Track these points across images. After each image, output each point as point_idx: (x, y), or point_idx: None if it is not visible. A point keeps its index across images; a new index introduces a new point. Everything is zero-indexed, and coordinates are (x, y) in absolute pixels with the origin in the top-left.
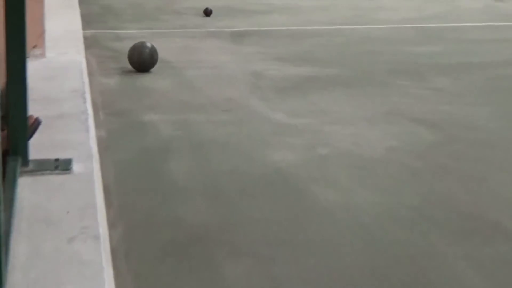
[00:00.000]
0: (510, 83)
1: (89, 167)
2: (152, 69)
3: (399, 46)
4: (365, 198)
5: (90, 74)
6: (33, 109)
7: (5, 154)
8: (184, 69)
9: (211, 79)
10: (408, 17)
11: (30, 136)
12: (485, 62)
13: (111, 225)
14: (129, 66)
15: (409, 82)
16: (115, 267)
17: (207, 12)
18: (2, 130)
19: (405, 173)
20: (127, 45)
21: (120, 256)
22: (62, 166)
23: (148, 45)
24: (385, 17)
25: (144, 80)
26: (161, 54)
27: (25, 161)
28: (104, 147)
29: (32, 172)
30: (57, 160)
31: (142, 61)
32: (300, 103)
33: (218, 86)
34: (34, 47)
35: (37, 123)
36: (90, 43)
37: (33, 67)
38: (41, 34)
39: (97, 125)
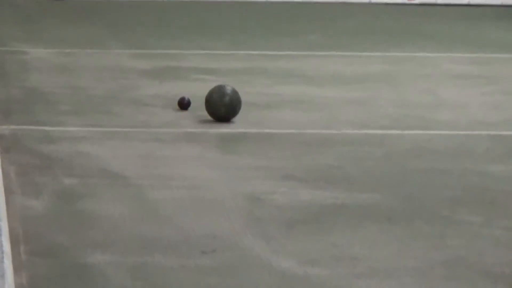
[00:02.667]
0: None
1: None
2: (105, 188)
3: (467, 163)
4: None
5: (7, 191)
6: None
7: None
8: (146, 188)
9: (186, 205)
10: (481, 120)
11: None
12: None
13: None
14: (67, 181)
15: (480, 218)
16: None
17: (183, 104)
18: None
19: None
20: (63, 150)
21: None
22: None
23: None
24: (448, 118)
25: (88, 203)
26: (114, 165)
27: None
28: None
29: None
30: None
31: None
32: (318, 244)
33: (197, 215)
34: None
35: None
36: (8, 145)
37: None
38: None
39: (17, 269)
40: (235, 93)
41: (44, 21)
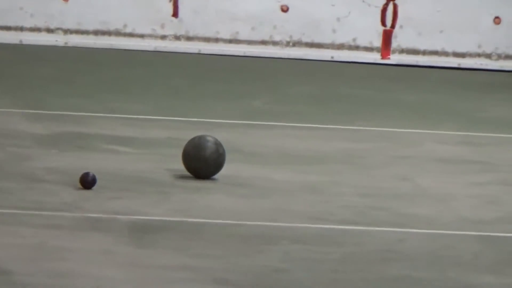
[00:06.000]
0: None
1: None
2: None
3: (451, 272)
4: None
5: None
6: None
7: None
8: None
9: None
10: (471, 217)
11: None
12: None
13: None
14: None
15: None
16: None
17: (87, 181)
18: None
19: None
20: None
21: None
22: None
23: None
24: (427, 213)
25: None
26: None
27: None
28: None
29: None
30: None
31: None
32: None
33: None
34: None
35: None
36: None
37: None
38: None
39: None
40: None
41: None
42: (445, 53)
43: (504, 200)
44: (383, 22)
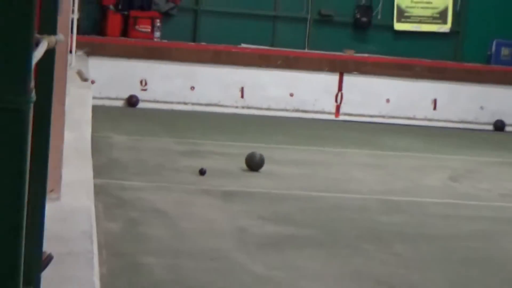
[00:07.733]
0: (462, 254)
1: None
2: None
3: (366, 215)
4: None
5: (97, 218)
6: (47, 246)
7: None
8: (178, 219)
9: (203, 230)
10: (374, 189)
11: (42, 269)
12: (441, 234)
13: None
14: (132, 214)
15: (373, 247)
16: None
17: (202, 172)
18: None
19: None
20: (131, 195)
21: None
22: None
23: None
24: (355, 188)
25: (143, 227)
26: (160, 205)
27: None
28: (104, 283)
29: None
30: None
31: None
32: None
33: (207, 237)
34: (51, 191)
35: (49, 258)
36: (98, 191)
37: (49, 209)
38: (58, 180)
39: (100, 264)
40: (261, 157)
41: (123, 119)
42: (370, 116)
43: (390, 181)
44: (336, 100)
